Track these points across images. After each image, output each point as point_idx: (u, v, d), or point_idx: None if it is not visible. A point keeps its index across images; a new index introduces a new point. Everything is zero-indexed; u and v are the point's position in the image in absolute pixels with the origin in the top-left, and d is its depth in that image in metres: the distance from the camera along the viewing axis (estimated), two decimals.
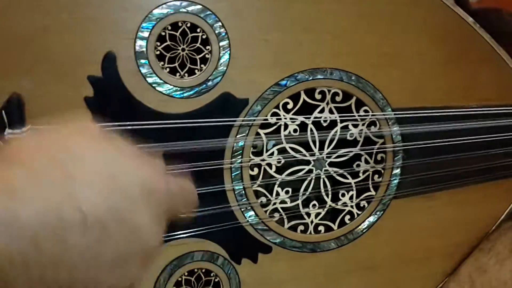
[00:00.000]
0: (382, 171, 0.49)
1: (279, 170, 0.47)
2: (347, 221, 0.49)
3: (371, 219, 0.50)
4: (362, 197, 0.49)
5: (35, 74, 0.39)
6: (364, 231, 0.50)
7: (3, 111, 0.38)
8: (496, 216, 0.54)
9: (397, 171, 0.50)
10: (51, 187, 0.23)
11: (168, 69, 0.42)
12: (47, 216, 0.22)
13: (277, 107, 0.45)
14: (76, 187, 0.23)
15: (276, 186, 0.47)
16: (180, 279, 0.44)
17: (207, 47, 0.43)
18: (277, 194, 0.47)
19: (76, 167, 0.24)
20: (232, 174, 0.45)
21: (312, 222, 0.48)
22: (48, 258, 0.22)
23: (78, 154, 0.24)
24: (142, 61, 0.41)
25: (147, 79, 0.41)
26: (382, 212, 0.50)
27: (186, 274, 0.44)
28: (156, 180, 0.27)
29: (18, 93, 0.38)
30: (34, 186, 0.22)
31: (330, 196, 0.48)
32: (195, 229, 0.44)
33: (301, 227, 0.48)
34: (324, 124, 0.47)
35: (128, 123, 0.41)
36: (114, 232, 0.24)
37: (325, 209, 0.49)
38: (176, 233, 0.43)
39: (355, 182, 0.49)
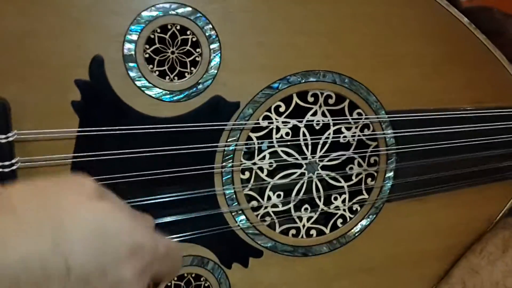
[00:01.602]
0: (375, 174, 0.49)
1: (271, 174, 0.46)
2: (340, 225, 0.49)
3: (364, 222, 0.49)
4: (354, 200, 0.49)
5: (21, 78, 0.38)
6: (356, 234, 0.49)
7: None
8: (490, 218, 0.53)
9: (391, 174, 0.49)
10: (40, 236, 0.23)
11: (157, 73, 0.41)
12: (30, 263, 0.22)
13: (269, 110, 0.45)
14: (67, 240, 0.23)
15: (267, 190, 0.46)
16: (169, 284, 0.44)
17: (197, 50, 0.42)
18: (269, 198, 0.47)
19: (68, 220, 0.24)
20: (223, 178, 0.44)
21: (304, 226, 0.48)
22: None
23: (71, 208, 0.25)
24: (131, 64, 0.40)
25: (136, 82, 0.41)
26: (375, 216, 0.49)
27: (175, 279, 0.44)
28: (146, 240, 0.27)
29: (4, 97, 0.38)
30: (22, 233, 0.23)
31: (322, 199, 0.48)
32: (185, 234, 0.43)
33: (293, 231, 0.48)
34: (317, 127, 0.47)
35: (116, 127, 0.40)
36: (98, 285, 0.24)
37: (317, 213, 0.48)
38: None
39: (347, 186, 0.49)
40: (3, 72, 0.38)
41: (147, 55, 0.41)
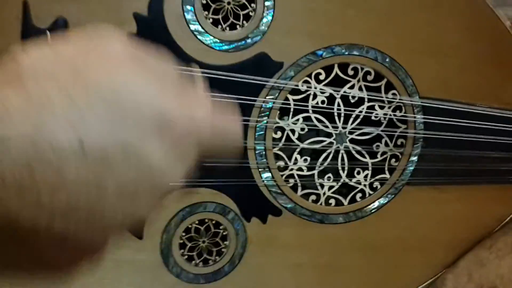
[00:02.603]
0: (400, 156, 0.50)
1: (301, 138, 0.48)
2: (358, 199, 0.50)
3: (382, 200, 0.51)
4: (376, 178, 0.50)
5: (84, 2, 0.39)
6: (373, 211, 0.50)
7: (48, 32, 0.39)
8: (501, 218, 0.55)
9: (415, 158, 0.50)
10: (48, 112, 0.21)
11: (211, 20, 0.43)
12: (38, 142, 0.20)
13: (309, 75, 0.46)
14: (78, 114, 0.21)
15: (295, 152, 0.48)
16: (190, 226, 0.45)
17: (252, 5, 0.43)
18: (296, 160, 0.48)
19: (82, 92, 0.21)
20: (256, 134, 0.46)
21: (324, 193, 0.49)
22: (43, 185, 0.21)
23: (88, 78, 0.22)
24: (188, 7, 0.42)
25: (190, 26, 0.42)
26: (393, 196, 0.51)
27: (196, 222, 0.46)
28: (179, 110, 0.24)
29: (65, 17, 0.39)
30: (30, 110, 0.21)
31: (346, 171, 0.49)
32: (212, 180, 0.45)
33: (313, 197, 0.49)
34: (352, 101, 0.48)
35: None
36: (116, 164, 0.22)
37: (339, 184, 0.49)
38: (193, 180, 0.44)
39: (372, 162, 0.50)
40: None
41: (204, 1, 0.42)
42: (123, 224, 0.23)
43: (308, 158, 0.48)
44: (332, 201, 0.50)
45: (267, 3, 0.43)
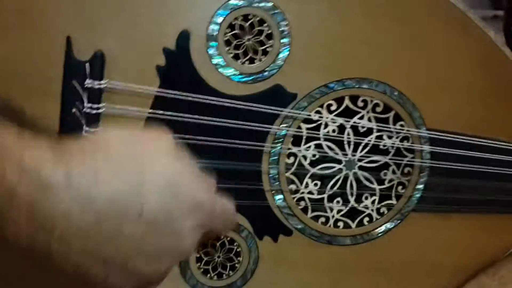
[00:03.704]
0: (407, 183, 0.53)
1: (313, 164, 0.51)
2: (365, 223, 0.53)
3: (388, 225, 0.53)
4: (383, 203, 0.53)
5: (120, 38, 0.44)
6: (379, 235, 0.53)
7: (87, 64, 0.44)
8: (506, 248, 0.57)
9: (421, 186, 0.53)
10: (125, 178, 0.27)
11: (232, 54, 0.47)
12: (115, 200, 0.26)
13: (321, 106, 0.50)
14: (145, 184, 0.27)
15: (307, 177, 0.51)
16: (206, 241, 0.49)
17: (270, 41, 0.48)
18: (307, 184, 0.51)
19: (148, 167, 0.28)
20: (270, 159, 0.49)
21: (333, 216, 0.52)
22: (104, 235, 0.26)
23: (152, 157, 0.29)
24: (212, 43, 0.46)
25: (213, 60, 0.46)
26: (399, 221, 0.54)
27: (209, 241, 0.49)
28: (207, 200, 0.31)
29: (103, 51, 0.44)
30: (112, 173, 0.27)
31: (354, 196, 0.52)
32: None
33: (322, 219, 0.52)
34: (361, 130, 0.51)
35: (189, 94, 0.46)
36: (161, 231, 0.28)
37: (347, 208, 0.53)
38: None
39: (379, 189, 0.53)
40: (106, 26, 0.44)
41: (226, 38, 0.47)
42: (143, 283, 0.29)
43: (319, 183, 0.52)
44: (341, 223, 0.53)
45: (283, 40, 0.48)
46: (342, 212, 0.53)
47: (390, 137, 0.52)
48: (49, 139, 0.27)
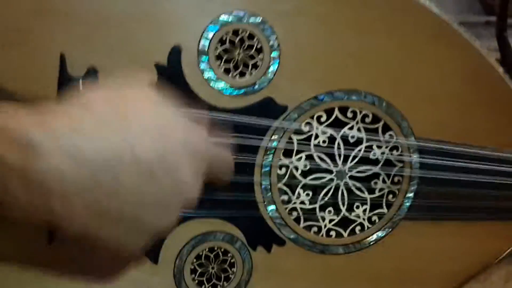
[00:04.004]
0: (397, 192, 0.54)
1: (304, 174, 0.52)
2: (357, 232, 0.54)
3: (380, 233, 0.54)
4: (374, 212, 0.54)
5: (114, 53, 0.45)
6: (371, 243, 0.54)
7: (80, 80, 0.45)
8: (496, 254, 0.57)
9: (411, 194, 0.54)
10: (111, 131, 0.27)
11: (223, 69, 0.48)
12: (105, 153, 0.26)
13: (311, 117, 0.51)
14: (132, 134, 0.27)
15: (299, 187, 0.52)
16: (201, 253, 0.50)
17: (260, 55, 0.49)
18: (299, 195, 0.52)
19: (134, 119, 0.28)
20: (262, 170, 0.50)
21: (325, 226, 0.53)
22: (103, 189, 0.26)
23: (137, 109, 0.29)
24: (203, 57, 0.47)
25: (204, 74, 0.47)
26: (390, 230, 0.54)
27: (207, 250, 0.50)
28: (199, 143, 0.31)
29: (96, 67, 0.45)
30: (98, 129, 0.27)
31: (345, 205, 0.53)
32: (222, 212, 0.49)
33: (315, 229, 0.53)
34: (351, 141, 0.52)
35: (182, 108, 0.47)
36: (160, 178, 0.28)
37: (339, 217, 0.53)
38: (206, 212, 0.49)
39: (370, 198, 0.54)
40: (98, 43, 0.45)
41: (217, 53, 0.48)
42: (156, 231, 0.29)
43: (310, 193, 0.53)
44: (333, 233, 0.53)
45: (273, 54, 0.49)
46: (334, 222, 0.53)
47: (379, 147, 0.53)
48: (32, 106, 0.27)
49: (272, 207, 0.51)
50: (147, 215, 0.28)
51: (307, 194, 0.52)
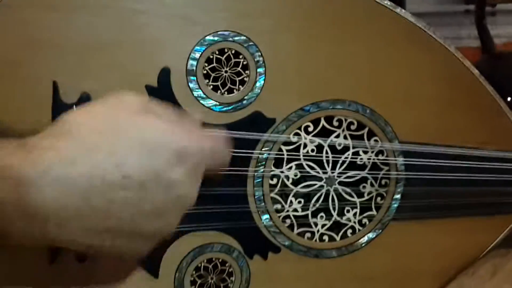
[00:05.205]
0: (385, 194, 0.56)
1: (295, 183, 0.54)
2: (349, 235, 0.56)
3: (370, 235, 0.56)
4: (364, 215, 0.56)
5: (104, 79, 0.47)
6: (363, 245, 0.56)
7: (74, 106, 0.46)
8: (483, 247, 0.60)
9: (398, 196, 0.56)
10: (97, 154, 0.28)
11: (211, 86, 0.50)
12: (93, 178, 0.28)
13: (299, 128, 0.53)
14: (118, 153, 0.28)
15: (290, 196, 0.54)
16: (199, 265, 0.52)
17: (246, 72, 0.50)
18: (291, 203, 0.54)
19: (117, 138, 0.29)
20: (255, 181, 0.52)
21: (318, 231, 0.55)
22: (98, 211, 0.28)
23: (121, 126, 0.30)
24: (191, 77, 0.49)
25: (194, 92, 0.49)
26: (380, 231, 0.57)
27: (205, 261, 0.52)
28: (188, 140, 0.31)
29: (88, 93, 0.46)
30: (84, 154, 0.28)
31: (336, 210, 0.55)
32: (218, 224, 0.51)
33: (308, 234, 0.55)
34: (338, 148, 0.54)
35: None
36: (151, 189, 0.29)
37: (331, 221, 0.55)
38: (201, 225, 0.50)
39: (359, 201, 0.56)
40: (89, 69, 0.46)
41: (205, 71, 0.50)
42: (159, 236, 0.31)
43: (302, 200, 0.55)
44: (326, 237, 0.56)
45: (259, 70, 0.51)
46: (326, 226, 0.55)
47: (365, 152, 0.55)
48: (17, 140, 0.28)
49: (266, 216, 0.53)
50: (146, 225, 0.30)
51: (299, 202, 0.54)
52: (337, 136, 0.54)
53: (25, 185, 0.27)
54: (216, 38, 0.49)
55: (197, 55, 0.49)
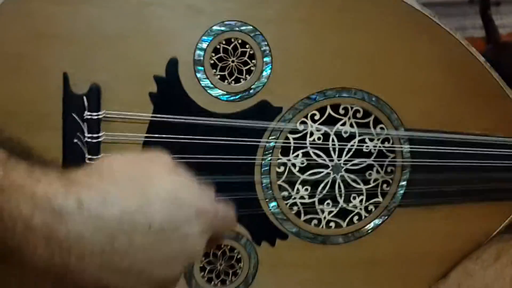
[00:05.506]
0: (391, 181, 0.57)
1: (302, 170, 0.55)
2: (355, 221, 0.57)
3: (377, 221, 0.57)
4: (370, 202, 0.57)
5: (113, 70, 0.47)
6: (369, 231, 0.57)
7: (84, 97, 0.47)
8: (487, 233, 0.60)
9: (404, 183, 0.57)
10: (131, 198, 0.31)
11: (218, 76, 0.50)
12: (123, 221, 0.30)
13: (305, 116, 0.53)
14: (149, 201, 0.31)
15: (297, 183, 0.55)
16: (208, 251, 0.53)
17: (253, 61, 0.51)
18: (298, 190, 0.55)
19: (150, 185, 0.32)
20: (262, 169, 0.53)
21: (325, 218, 0.56)
22: (117, 250, 0.30)
23: (153, 175, 0.33)
24: (199, 67, 0.49)
25: (201, 82, 0.50)
26: (386, 217, 0.57)
27: (215, 248, 0.53)
28: (209, 206, 0.35)
29: (98, 84, 0.47)
30: (118, 194, 0.30)
31: (343, 197, 0.56)
32: None
33: (315, 221, 0.56)
34: (345, 136, 0.55)
35: (182, 117, 0.49)
36: (170, 238, 0.32)
37: (337, 208, 0.56)
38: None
39: (366, 188, 0.57)
40: (99, 60, 0.47)
41: (212, 61, 0.50)
42: (162, 282, 0.33)
43: (309, 188, 0.55)
44: (332, 224, 0.56)
45: (265, 59, 0.51)
46: (333, 213, 0.56)
47: (371, 140, 0.56)
48: (57, 171, 0.30)
49: (274, 203, 0.54)
50: (155, 269, 0.32)
51: (306, 189, 0.55)
52: (343, 124, 0.55)
53: (60, 216, 0.28)
54: (222, 28, 0.49)
55: (205, 45, 0.49)
